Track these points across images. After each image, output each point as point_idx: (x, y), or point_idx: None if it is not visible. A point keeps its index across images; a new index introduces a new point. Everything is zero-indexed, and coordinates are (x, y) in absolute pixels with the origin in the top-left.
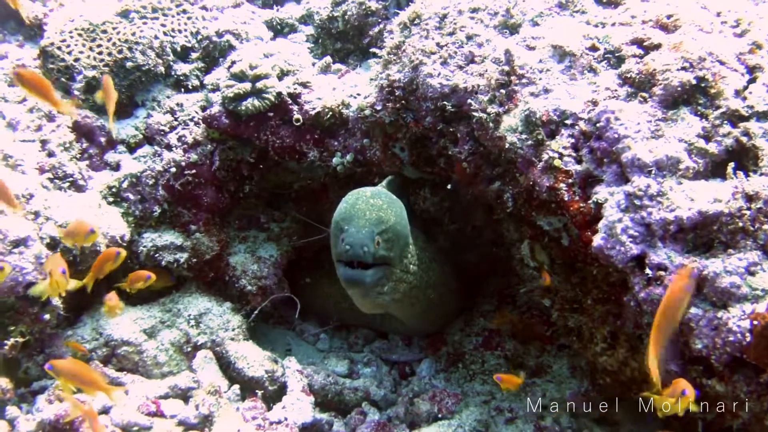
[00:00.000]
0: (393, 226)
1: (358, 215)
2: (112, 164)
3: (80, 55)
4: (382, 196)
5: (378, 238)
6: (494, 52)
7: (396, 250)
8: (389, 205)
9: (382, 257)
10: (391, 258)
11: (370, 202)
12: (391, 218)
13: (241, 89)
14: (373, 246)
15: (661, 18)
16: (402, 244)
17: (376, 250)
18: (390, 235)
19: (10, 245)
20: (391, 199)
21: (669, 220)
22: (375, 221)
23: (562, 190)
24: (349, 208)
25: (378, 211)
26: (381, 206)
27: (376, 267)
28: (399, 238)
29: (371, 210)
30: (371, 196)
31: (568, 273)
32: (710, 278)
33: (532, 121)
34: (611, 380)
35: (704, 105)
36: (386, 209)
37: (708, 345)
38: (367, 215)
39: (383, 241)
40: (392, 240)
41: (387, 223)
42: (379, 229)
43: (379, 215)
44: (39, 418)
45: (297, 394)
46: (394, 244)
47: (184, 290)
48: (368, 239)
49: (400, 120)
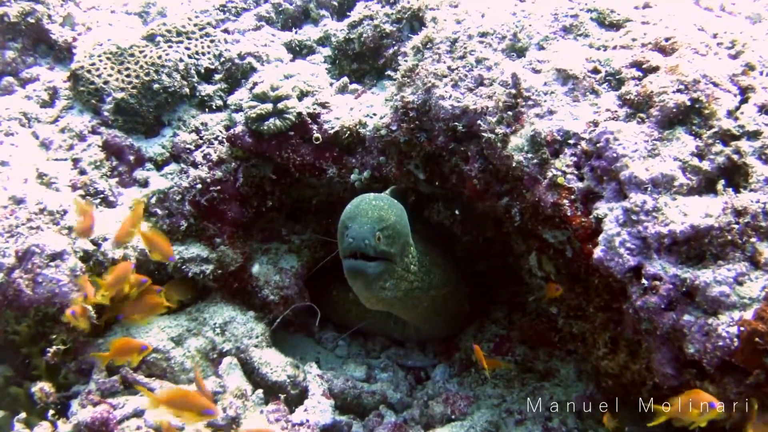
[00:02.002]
0: (393, 225)
1: (361, 214)
2: (141, 181)
3: (109, 78)
4: (384, 199)
5: (379, 234)
6: (502, 75)
7: (396, 248)
8: (390, 206)
9: (383, 252)
10: (392, 254)
11: (372, 203)
12: (392, 217)
13: (263, 110)
14: (374, 240)
15: (659, 41)
16: (402, 242)
17: (378, 244)
18: (390, 232)
19: (47, 259)
20: (392, 202)
21: (663, 233)
22: (376, 219)
23: (565, 205)
24: (353, 208)
25: (379, 211)
26: (382, 206)
27: (378, 261)
28: (399, 236)
29: (373, 209)
30: (373, 198)
31: (572, 282)
32: (701, 288)
33: (538, 141)
34: (613, 383)
35: (698, 125)
36: (387, 209)
37: (700, 349)
38: (369, 214)
39: (384, 237)
40: (393, 237)
41: (387, 221)
42: (380, 226)
43: (380, 214)
44: (75, 420)
45: (318, 398)
46: (395, 241)
47: (209, 300)
48: (370, 234)
49: (414, 139)
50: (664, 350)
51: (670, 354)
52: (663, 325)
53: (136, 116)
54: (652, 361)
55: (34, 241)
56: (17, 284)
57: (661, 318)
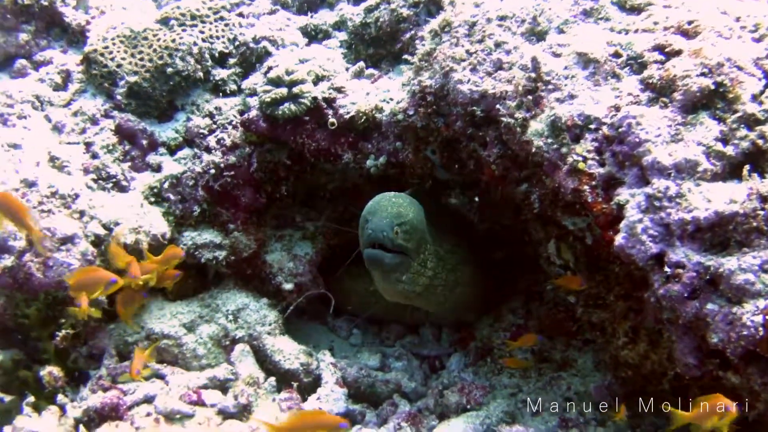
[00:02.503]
0: (411, 221)
1: (381, 209)
2: (154, 166)
3: (122, 61)
4: (403, 197)
5: (397, 229)
6: (521, 59)
7: (413, 243)
8: (409, 204)
9: (400, 246)
10: (409, 249)
11: (392, 200)
12: (410, 214)
13: (278, 94)
14: (392, 233)
15: (682, 24)
16: (418, 238)
17: (395, 237)
18: (408, 228)
19: (58, 242)
20: (411, 200)
21: (687, 220)
22: (395, 214)
23: (586, 191)
24: (374, 204)
25: (398, 207)
26: (401, 204)
27: (395, 253)
28: (416, 233)
29: (392, 206)
30: (393, 196)
31: (591, 271)
32: (726, 276)
33: (558, 126)
34: (633, 373)
35: (722, 109)
36: (406, 207)
37: (723, 339)
38: (388, 209)
39: (402, 231)
40: (409, 233)
41: (405, 217)
42: (398, 221)
43: (399, 210)
44: (85, 405)
45: (331, 386)
46: (411, 237)
47: (222, 287)
48: (388, 227)
49: (432, 124)
50: (686, 340)
51: (692, 343)
52: (685, 314)
53: (149, 100)
54: (674, 351)
55: (46, 224)
56: (28, 268)
57: (684, 307)
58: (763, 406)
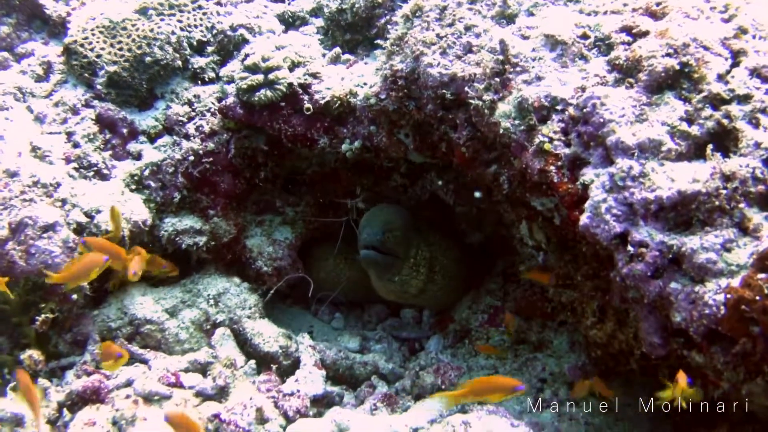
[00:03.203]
0: (399, 228)
1: (374, 219)
2: (134, 154)
3: (102, 51)
4: (393, 209)
5: (388, 234)
6: (490, 42)
7: (401, 248)
8: (397, 214)
9: (390, 249)
10: (398, 253)
11: (384, 211)
12: (399, 222)
13: (255, 81)
14: (382, 238)
15: (650, 5)
16: (406, 245)
17: (386, 241)
18: (397, 234)
19: (39, 230)
20: (400, 211)
21: (650, 199)
22: (385, 222)
23: (552, 172)
24: (369, 215)
25: (388, 216)
26: (391, 213)
27: (386, 255)
28: (404, 239)
29: (384, 215)
30: (385, 207)
31: (561, 251)
32: (688, 254)
33: (525, 107)
34: (602, 353)
35: (688, 89)
36: (395, 216)
37: (686, 318)
38: (380, 218)
39: (392, 236)
40: (398, 238)
41: (395, 224)
42: (388, 228)
43: (389, 218)
44: (68, 389)
45: (309, 368)
46: (400, 242)
47: (203, 272)
48: (380, 232)
49: (404, 108)
50: (651, 319)
51: (657, 323)
52: (649, 293)
53: (129, 89)
54: (640, 330)
55: (27, 213)
56: (10, 256)
57: (648, 286)
58: (727, 384)
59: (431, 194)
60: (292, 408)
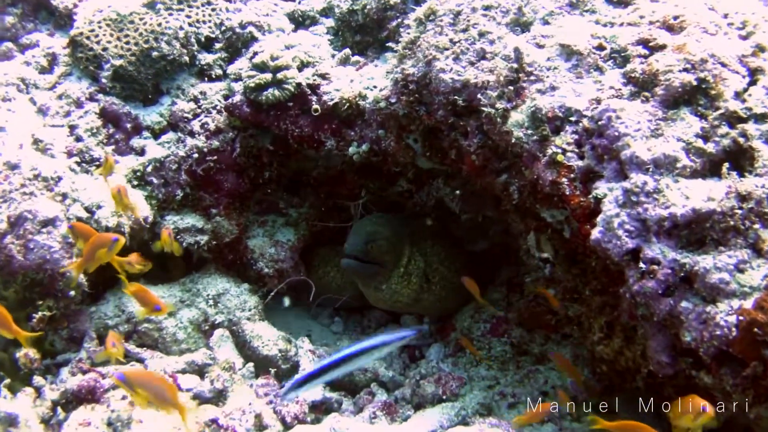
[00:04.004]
0: (385, 238)
1: (360, 228)
2: (137, 149)
3: (108, 44)
4: (383, 219)
5: (372, 244)
6: (505, 50)
7: (388, 257)
8: (386, 224)
9: (374, 258)
10: (385, 261)
11: (372, 221)
12: (386, 232)
13: (262, 79)
14: (365, 247)
15: (668, 19)
16: (395, 254)
17: (369, 251)
18: (381, 243)
19: (39, 225)
20: (392, 221)
21: (664, 216)
22: (370, 232)
23: (564, 184)
24: (357, 225)
25: (375, 226)
26: (379, 223)
27: (369, 264)
28: (392, 249)
29: (371, 225)
30: (374, 217)
31: (569, 264)
32: (701, 274)
33: (538, 117)
34: (608, 369)
35: (704, 106)
36: (383, 226)
37: (696, 338)
38: (366, 228)
39: (376, 246)
40: (384, 247)
41: (381, 233)
42: (373, 237)
43: (376, 229)
44: (63, 387)
45: None
46: (386, 251)
47: (203, 271)
48: (362, 242)
49: (414, 113)
50: (660, 337)
51: (666, 341)
52: (659, 311)
53: (134, 84)
54: (648, 348)
55: (27, 206)
56: (9, 250)
57: (658, 303)
58: (735, 407)
59: (437, 201)
60: (290, 414)
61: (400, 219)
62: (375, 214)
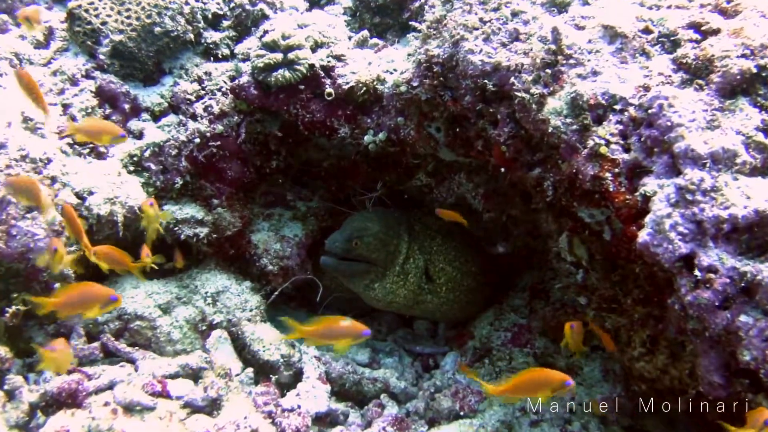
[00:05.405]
0: (375, 234)
1: (347, 224)
2: (135, 132)
3: (108, 18)
4: (377, 214)
5: (357, 240)
6: (541, 30)
7: (380, 254)
8: (378, 220)
9: (360, 255)
10: (374, 259)
11: (362, 216)
12: (376, 228)
13: (272, 59)
14: (345, 244)
15: (720, 1)
16: (386, 252)
17: (353, 248)
18: (368, 240)
19: (23, 210)
20: (385, 217)
21: (723, 218)
22: (358, 228)
23: (608, 179)
24: (347, 220)
25: (365, 222)
26: (369, 218)
27: (351, 261)
28: (381, 246)
29: (360, 221)
30: (366, 212)
31: (607, 270)
32: (764, 284)
33: (579, 104)
34: (647, 388)
35: (764, 96)
36: (374, 222)
37: (757, 357)
38: (354, 224)
39: (362, 243)
40: (371, 245)
41: (370, 230)
42: (359, 234)
43: (365, 225)
44: (44, 389)
45: (313, 382)
46: (376, 248)
47: (202, 266)
48: (342, 239)
49: (438, 98)
50: (713, 355)
51: (719, 360)
52: (714, 326)
53: (134, 61)
54: (698, 367)
55: None
56: None
57: (714, 317)
58: None
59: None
60: (291, 427)
61: (398, 215)
62: (366, 211)
